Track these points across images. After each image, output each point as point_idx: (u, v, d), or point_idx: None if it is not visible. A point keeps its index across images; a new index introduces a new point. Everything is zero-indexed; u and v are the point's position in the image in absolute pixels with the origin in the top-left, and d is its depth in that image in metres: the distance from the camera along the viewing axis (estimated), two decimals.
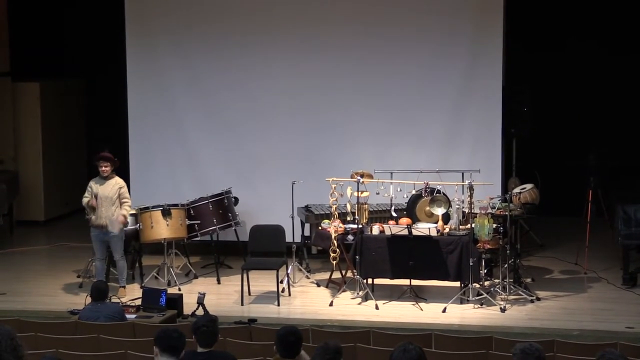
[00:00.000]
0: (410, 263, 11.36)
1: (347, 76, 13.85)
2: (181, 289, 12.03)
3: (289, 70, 13.99)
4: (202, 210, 12.83)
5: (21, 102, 16.70)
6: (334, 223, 11.93)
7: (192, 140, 14.28)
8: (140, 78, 14.32)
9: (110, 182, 11.89)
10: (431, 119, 13.72)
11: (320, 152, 13.90)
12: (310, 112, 13.97)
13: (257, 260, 12.12)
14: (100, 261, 11.96)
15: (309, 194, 13.10)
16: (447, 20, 13.59)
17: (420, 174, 12.17)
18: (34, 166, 16.77)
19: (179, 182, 14.15)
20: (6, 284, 12.71)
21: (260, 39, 14.03)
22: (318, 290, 12.30)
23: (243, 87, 14.12)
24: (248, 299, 11.84)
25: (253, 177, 14.09)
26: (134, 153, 14.38)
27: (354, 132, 13.87)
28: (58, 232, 16.19)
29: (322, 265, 13.22)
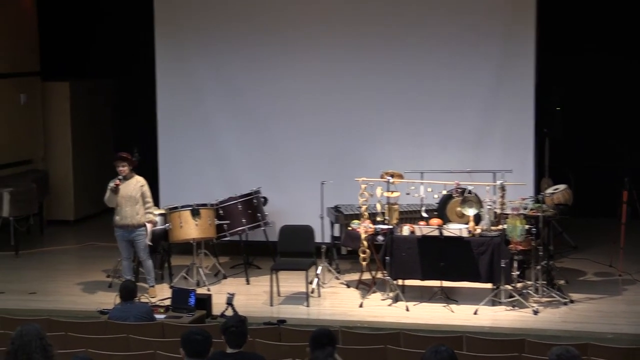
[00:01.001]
0: (441, 264, 11.32)
1: (377, 75, 13.81)
2: (210, 289, 12.07)
3: (319, 69, 13.97)
4: (231, 210, 12.84)
5: (51, 101, 16.82)
6: (363, 223, 11.90)
7: (221, 140, 14.31)
8: (170, 77, 14.37)
9: (131, 182, 11.93)
10: (463, 119, 13.66)
11: (350, 152, 13.87)
12: (340, 111, 13.94)
13: (287, 261, 12.12)
14: (127, 260, 12.00)
15: (339, 194, 13.07)
16: (478, 19, 13.53)
17: (451, 174, 12.14)
18: (63, 165, 16.88)
19: (208, 182, 14.17)
20: (36, 284, 12.80)
21: (289, 38, 14.03)
22: (348, 291, 12.28)
23: (272, 87, 14.13)
24: (277, 299, 11.84)
25: (282, 177, 14.09)
26: (163, 153, 14.44)
27: (384, 131, 13.83)
28: (87, 231, 16.27)
29: (351, 266, 13.19)
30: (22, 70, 16.29)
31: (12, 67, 16.01)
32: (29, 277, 13.18)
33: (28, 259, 14.34)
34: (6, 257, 14.35)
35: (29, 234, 15.58)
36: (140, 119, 16.74)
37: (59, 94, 16.81)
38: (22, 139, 16.25)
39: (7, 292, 12.35)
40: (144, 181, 12.03)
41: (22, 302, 11.83)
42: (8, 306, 11.49)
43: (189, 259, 12.71)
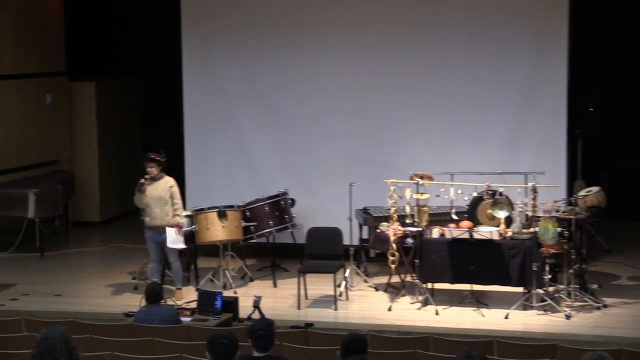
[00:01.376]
0: (471, 267, 11.27)
1: (406, 76, 13.77)
2: (237, 292, 12.06)
3: (347, 70, 13.95)
4: (258, 212, 12.84)
5: (77, 101, 16.91)
6: (392, 226, 11.87)
7: (248, 141, 14.32)
8: (196, 77, 14.40)
9: (160, 182, 11.96)
10: (493, 119, 13.59)
11: (379, 153, 13.84)
12: (368, 112, 13.91)
13: (314, 264, 12.10)
14: (154, 263, 12.03)
15: (367, 196, 13.03)
16: (510, 18, 13.46)
17: (482, 176, 12.09)
18: (89, 166, 16.97)
19: (234, 183, 14.19)
20: (62, 285, 12.86)
21: (317, 38, 14.02)
22: (376, 294, 12.25)
23: (300, 87, 14.12)
24: (305, 302, 11.82)
25: (310, 179, 14.07)
26: (190, 153, 14.46)
27: (414, 132, 13.79)
28: (113, 233, 16.35)
29: (380, 269, 13.16)
30: (49, 70, 16.38)
31: (39, 67, 16.11)
32: (54, 279, 13.24)
33: (53, 261, 14.41)
34: (31, 258, 14.43)
35: (54, 235, 15.67)
36: (166, 119, 16.78)
37: (85, 94, 16.90)
38: (48, 139, 16.35)
39: (32, 294, 12.42)
40: (174, 182, 12.05)
41: (47, 304, 11.89)
42: (33, 308, 11.54)
43: (216, 261, 12.72)
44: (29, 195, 14.39)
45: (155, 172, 11.95)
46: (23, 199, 14.39)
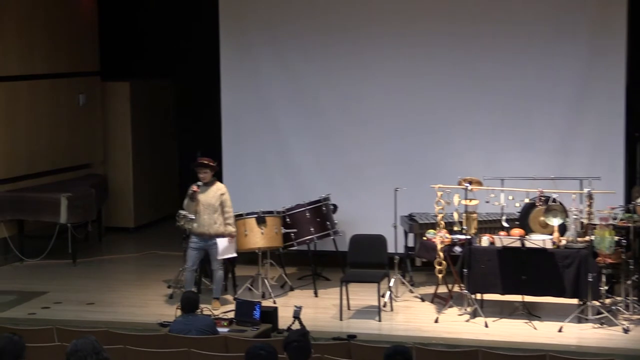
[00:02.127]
0: (522, 277, 11.21)
1: (454, 76, 13.73)
2: (276, 302, 12.08)
3: (391, 71, 13.93)
4: (298, 218, 12.86)
5: (111, 102, 17.04)
6: (439, 233, 11.83)
7: (288, 143, 14.35)
8: (235, 78, 14.44)
9: (212, 189, 12.03)
10: (546, 122, 13.51)
11: (426, 157, 13.80)
12: (415, 114, 13.89)
13: (357, 272, 12.10)
14: (190, 271, 12.08)
15: (413, 202, 13.02)
16: (563, 15, 13.38)
17: (534, 181, 12.01)
18: (123, 170, 17.09)
19: (274, 188, 14.22)
20: (94, 294, 12.97)
21: (360, 37, 14.00)
22: (422, 305, 12.23)
23: (343, 89, 14.12)
24: (347, 313, 11.82)
25: (353, 183, 14.07)
26: (227, 156, 14.51)
27: (463, 135, 13.74)
28: (148, 239, 16.45)
29: (426, 279, 13.13)
30: (81, 69, 16.52)
31: (71, 67, 16.24)
32: (87, 287, 13.35)
33: (86, 268, 14.53)
34: (63, 265, 14.56)
35: (86, 241, 15.79)
36: (203, 120, 16.86)
37: (119, 95, 17.03)
38: (80, 141, 16.48)
39: (64, 302, 12.53)
40: (225, 189, 12.12)
41: (79, 313, 12.00)
42: (65, 317, 11.66)
43: (254, 269, 12.75)
44: (61, 199, 14.51)
45: (208, 178, 12.03)
46: (55, 203, 14.52)
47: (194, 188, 11.94)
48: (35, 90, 15.49)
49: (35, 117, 15.48)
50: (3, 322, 10.80)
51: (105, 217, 16.65)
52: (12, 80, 14.99)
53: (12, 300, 12.61)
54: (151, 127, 17.54)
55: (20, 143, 15.16)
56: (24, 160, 15.28)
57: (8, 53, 14.90)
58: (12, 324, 10.79)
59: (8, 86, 14.91)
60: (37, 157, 15.53)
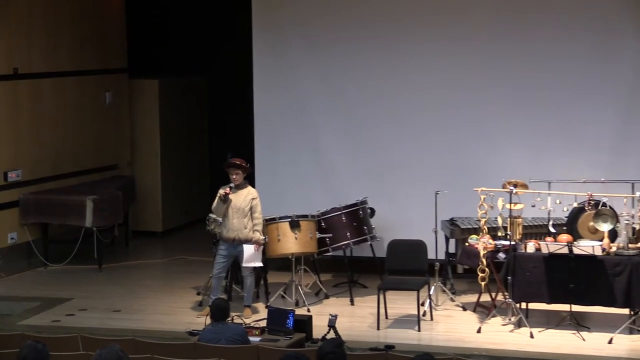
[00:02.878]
0: (570, 286, 11.15)
1: (497, 73, 13.68)
2: (310, 310, 12.10)
3: (431, 68, 13.90)
4: (334, 223, 12.86)
5: (138, 100, 17.13)
6: (482, 239, 11.81)
7: (324, 144, 14.35)
8: (267, 74, 14.47)
9: (242, 192, 12.06)
10: (596, 121, 13.43)
11: (468, 159, 13.77)
12: (457, 112, 13.85)
13: (396, 280, 12.09)
14: (217, 278, 12.09)
15: (455, 206, 12.99)
16: (617, 6, 13.29)
17: (583, 184, 11.95)
18: (151, 171, 17.16)
19: (309, 191, 14.23)
20: (121, 301, 13.04)
21: (400, 32, 13.99)
22: (464, 314, 12.20)
23: (380, 87, 14.11)
24: (385, 322, 11.81)
25: (391, 186, 14.05)
26: (260, 157, 14.55)
27: (506, 136, 13.69)
28: (176, 244, 16.52)
29: (468, 287, 13.10)
30: (108, 66, 16.63)
31: (97, 64, 16.35)
32: (113, 293, 13.43)
33: (112, 274, 14.62)
34: (89, 271, 14.64)
35: (113, 246, 15.88)
36: (235, 119, 16.92)
37: (147, 93, 17.11)
38: (107, 142, 16.59)
39: (89, 310, 12.60)
40: (256, 194, 12.15)
41: (105, 321, 12.06)
42: (90, 324, 11.73)
43: (287, 276, 12.78)
44: (87, 202, 14.60)
45: (240, 180, 12.05)
46: (80, 206, 14.61)
47: (226, 190, 11.96)
48: (60, 88, 15.61)
49: (60, 116, 15.59)
50: (26, 330, 10.88)
51: (133, 221, 16.74)
52: (36, 78, 15.11)
53: (35, 307, 12.70)
54: (181, 127, 17.60)
55: (44, 143, 15.28)
56: (49, 160, 15.40)
57: (32, 49, 15.03)
58: (36, 331, 10.86)
59: (32, 84, 15.04)
60: (62, 157, 15.65)
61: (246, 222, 11.96)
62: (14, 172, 14.73)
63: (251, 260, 11.97)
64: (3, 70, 14.56)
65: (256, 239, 11.98)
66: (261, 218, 12.09)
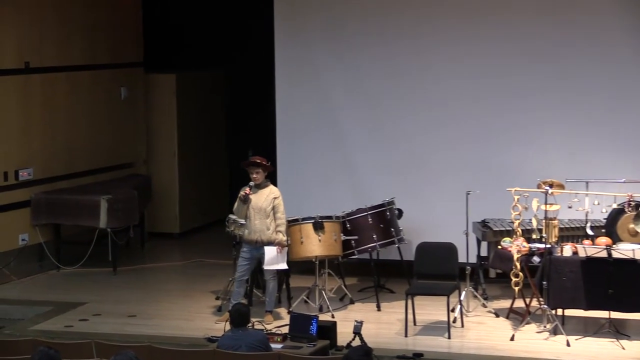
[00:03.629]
0: (609, 291, 11.13)
1: (531, 69, 13.62)
2: (335, 316, 12.12)
3: (464, 61, 13.87)
4: (360, 224, 12.86)
5: (155, 95, 17.18)
6: (516, 241, 11.78)
7: (349, 141, 14.35)
8: (290, 69, 14.47)
9: (264, 192, 12.08)
10: (636, 119, 13.38)
11: (501, 158, 13.73)
12: (488, 109, 13.82)
13: (424, 284, 12.08)
14: (239, 282, 12.13)
15: (487, 207, 12.97)
16: None
17: (623, 184, 11.92)
18: (168, 170, 17.21)
19: (333, 190, 14.23)
20: (136, 305, 13.08)
21: (428, 21, 13.96)
22: (497, 321, 12.19)
23: (408, 80, 14.08)
24: (413, 329, 11.82)
25: (420, 186, 14.04)
26: (282, 155, 14.56)
27: (541, 133, 13.65)
28: (195, 246, 16.56)
29: (501, 292, 13.09)
30: (123, 60, 16.68)
31: (112, 57, 16.42)
32: (128, 298, 13.48)
33: (127, 277, 14.67)
34: (103, 274, 14.71)
35: (128, 247, 15.95)
36: (256, 115, 16.93)
37: (164, 88, 17.16)
38: (122, 139, 16.66)
39: (104, 315, 12.65)
40: (279, 193, 12.16)
41: (120, 326, 12.10)
42: (104, 330, 11.78)
43: (311, 280, 12.79)
44: (101, 202, 14.65)
45: (261, 179, 12.08)
46: (94, 206, 14.67)
47: (247, 190, 11.98)
48: (73, 83, 15.68)
49: (73, 112, 15.66)
50: (38, 335, 10.93)
51: (149, 222, 16.79)
52: (48, 72, 15.18)
53: (47, 312, 12.76)
54: (199, 123, 17.64)
55: (57, 140, 15.36)
56: (61, 158, 15.48)
57: (44, 42, 15.10)
58: (48, 337, 10.90)
59: (44, 78, 15.12)
60: (75, 155, 15.72)
61: (269, 222, 11.98)
62: (25, 170, 14.81)
63: (273, 263, 11.98)
64: (14, 64, 14.65)
65: (279, 240, 11.99)
66: (284, 218, 12.11)
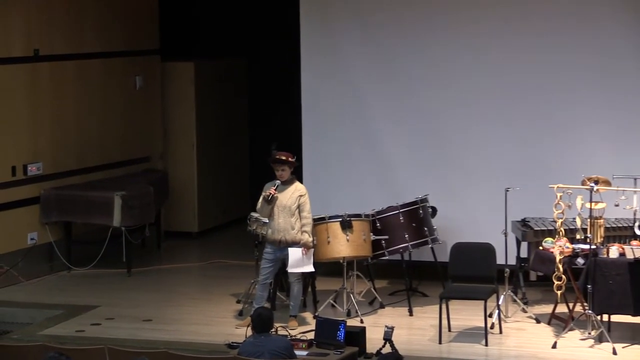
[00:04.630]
0: None
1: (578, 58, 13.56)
2: (364, 321, 12.13)
3: (502, 48, 13.82)
4: (391, 223, 12.86)
5: (172, 85, 17.19)
6: (559, 242, 11.75)
7: (379, 135, 14.33)
8: (317, 58, 14.44)
9: (289, 189, 12.08)
10: None
11: (543, 151, 13.70)
12: (529, 101, 13.77)
13: (460, 287, 12.07)
14: (263, 285, 12.15)
15: (527, 205, 12.98)
16: None
17: None
18: (186, 165, 17.23)
19: (362, 187, 14.24)
20: (152, 309, 13.12)
21: (465, 9, 13.93)
22: (537, 327, 12.17)
23: (443, 71, 14.03)
24: (448, 336, 11.81)
25: (455, 182, 14.02)
26: (308, 149, 14.55)
27: (586, 126, 13.60)
28: (214, 246, 16.59)
29: (542, 296, 13.07)
30: (139, 47, 16.71)
31: (127, 44, 16.45)
32: (143, 301, 13.53)
33: (142, 279, 14.72)
34: (117, 275, 14.76)
35: (143, 248, 15.99)
36: (279, 107, 16.92)
37: (182, 77, 17.17)
38: (137, 131, 16.68)
39: (117, 319, 12.69)
40: (305, 190, 12.16)
41: (134, 331, 12.14)
42: (118, 335, 11.84)
43: (338, 282, 12.79)
44: (114, 199, 14.68)
45: (287, 176, 12.08)
46: (107, 203, 14.70)
47: (272, 190, 11.97)
48: (85, 72, 15.70)
49: (85, 103, 15.69)
50: (48, 341, 10.99)
51: (165, 220, 16.83)
52: (58, 60, 15.21)
53: (58, 315, 12.81)
54: (219, 115, 17.64)
55: (67, 133, 15.39)
56: (72, 152, 15.51)
57: (54, 28, 15.13)
58: (59, 342, 10.93)
59: (53, 66, 15.15)
60: (87, 149, 15.75)
61: (293, 221, 11.99)
62: (34, 165, 14.87)
63: (298, 266, 11.99)
64: (22, 52, 14.69)
65: (304, 241, 12.00)
66: (310, 217, 12.12)
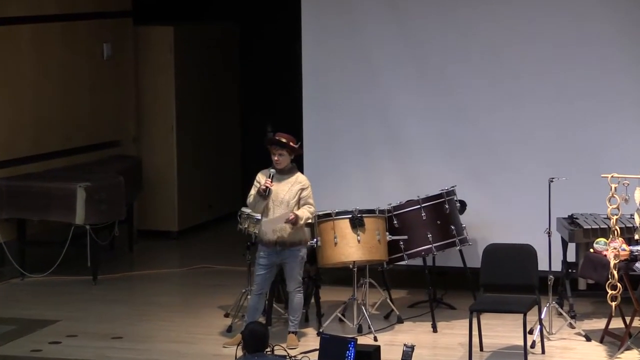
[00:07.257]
0: None
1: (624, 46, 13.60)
2: (378, 339, 12.10)
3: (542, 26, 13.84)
4: (410, 220, 12.85)
5: (147, 54, 17.18)
6: (613, 243, 11.70)
7: (396, 117, 14.33)
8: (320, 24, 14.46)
9: (288, 180, 12.02)
10: None
11: (591, 137, 13.72)
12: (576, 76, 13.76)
13: (494, 298, 12.04)
14: (257, 296, 12.10)
15: (575, 199, 13.00)
16: None
17: None
18: (164, 150, 17.24)
19: (376, 177, 14.25)
20: (123, 324, 13.09)
21: None
22: (587, 346, 12.15)
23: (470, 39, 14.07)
24: (479, 356, 11.80)
25: (489, 172, 14.02)
26: (310, 132, 14.53)
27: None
28: (197, 248, 16.63)
29: (594, 308, 13.09)
30: (107, 9, 16.67)
31: (92, 5, 16.42)
32: (112, 314, 13.49)
33: (111, 288, 14.69)
34: (80, 283, 14.75)
35: (112, 250, 15.99)
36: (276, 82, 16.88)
37: (159, 44, 17.16)
38: (105, 110, 16.67)
39: (81, 336, 12.64)
40: (307, 183, 12.09)
41: (101, 351, 12.10)
42: (82, 355, 11.82)
43: (347, 292, 12.78)
44: (77, 191, 14.66)
45: (285, 164, 11.99)
46: (68, 196, 14.67)
47: (267, 182, 11.86)
48: (42, 38, 15.69)
49: (42, 76, 15.66)
50: None
51: (139, 217, 16.85)
52: (10, 24, 15.16)
53: (9, 332, 12.77)
54: (204, 91, 17.66)
55: (22, 112, 15.37)
56: (28, 135, 15.49)
57: None
58: None
59: (5, 32, 15.13)
60: (45, 130, 15.73)
61: None
62: None
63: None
64: None
65: (300, 214, 11.85)
66: (314, 208, 12.07)
